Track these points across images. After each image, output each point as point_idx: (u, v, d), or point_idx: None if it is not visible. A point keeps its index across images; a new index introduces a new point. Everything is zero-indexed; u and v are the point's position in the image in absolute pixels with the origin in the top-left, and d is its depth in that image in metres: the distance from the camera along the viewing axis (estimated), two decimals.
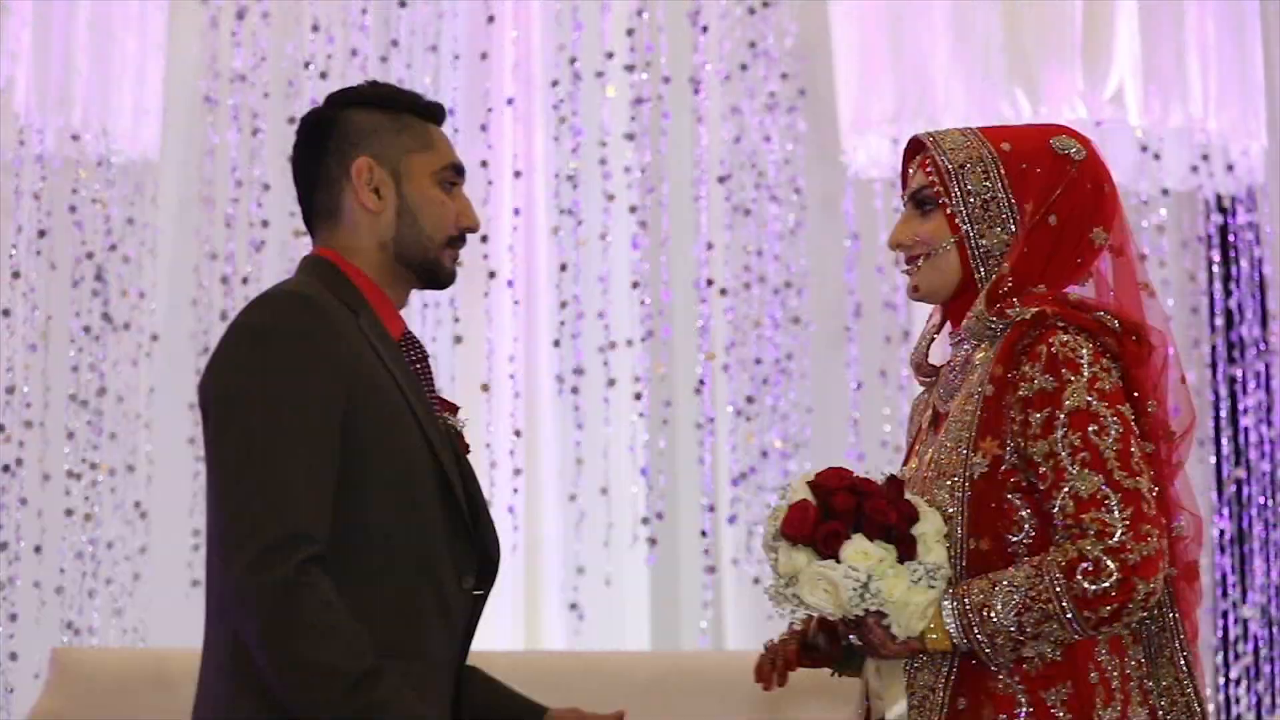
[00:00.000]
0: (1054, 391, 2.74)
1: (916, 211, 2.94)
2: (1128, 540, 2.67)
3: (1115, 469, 2.71)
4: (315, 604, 2.62)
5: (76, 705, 5.36)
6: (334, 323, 2.78)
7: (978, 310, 2.85)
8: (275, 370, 2.72)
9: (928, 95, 6.38)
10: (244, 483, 2.67)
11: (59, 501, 6.06)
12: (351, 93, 3.00)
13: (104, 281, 6.13)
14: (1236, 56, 6.46)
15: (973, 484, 2.78)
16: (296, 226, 6.24)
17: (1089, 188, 2.91)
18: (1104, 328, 2.80)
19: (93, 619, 6.06)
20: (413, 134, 2.94)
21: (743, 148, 6.43)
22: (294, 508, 2.65)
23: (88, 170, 6.12)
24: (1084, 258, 2.90)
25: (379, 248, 2.91)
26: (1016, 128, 3.02)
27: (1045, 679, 2.76)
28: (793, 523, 2.75)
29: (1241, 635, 6.51)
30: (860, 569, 2.71)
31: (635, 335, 6.29)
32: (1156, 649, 2.85)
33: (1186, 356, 6.67)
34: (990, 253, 2.89)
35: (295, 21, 6.32)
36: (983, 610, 2.71)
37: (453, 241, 2.94)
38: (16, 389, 5.97)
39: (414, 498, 2.79)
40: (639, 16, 6.35)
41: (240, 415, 2.71)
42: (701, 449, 6.29)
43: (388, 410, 2.78)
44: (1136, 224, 6.61)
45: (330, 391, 2.72)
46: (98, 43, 6.05)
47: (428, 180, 2.93)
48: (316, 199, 2.95)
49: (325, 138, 2.93)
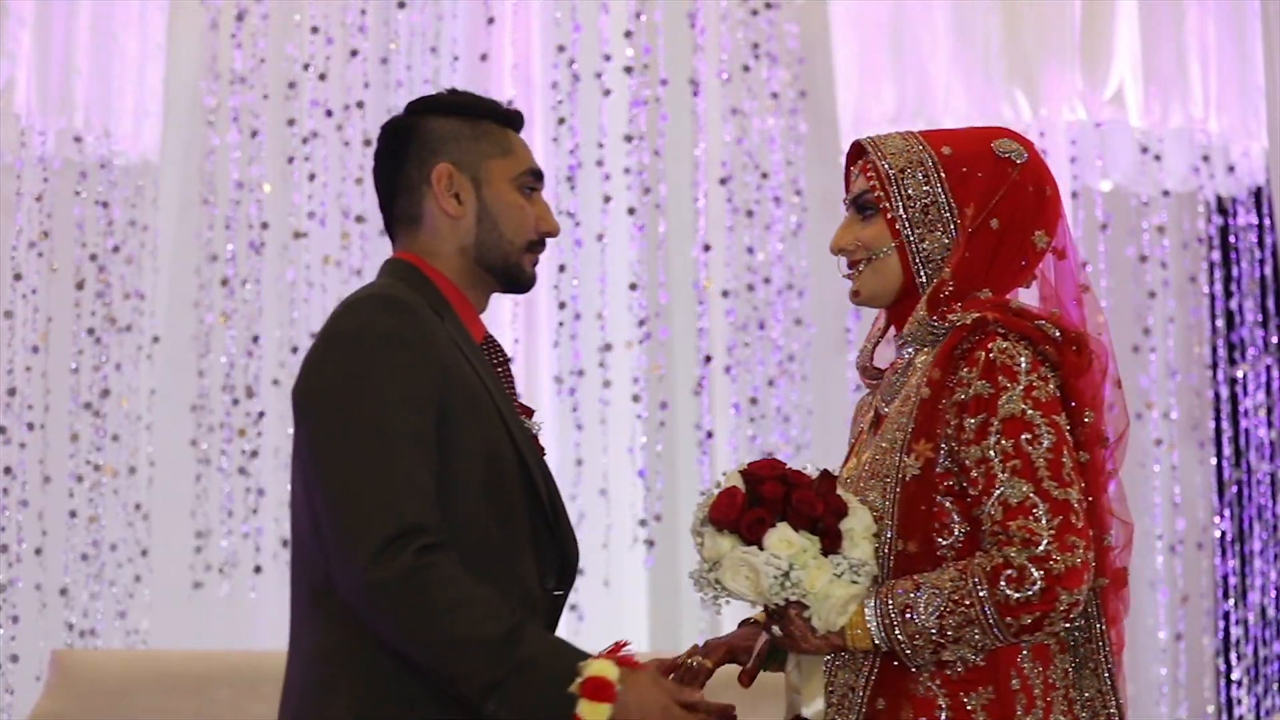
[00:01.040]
0: (989, 397, 2.74)
1: (858, 216, 2.95)
2: (1053, 550, 2.67)
3: (1046, 478, 2.71)
4: (442, 582, 2.69)
5: (76, 707, 5.37)
6: (425, 325, 2.82)
7: (919, 315, 2.86)
8: (374, 372, 2.76)
9: (928, 96, 6.39)
10: (353, 484, 2.72)
11: (60, 503, 6.06)
12: (431, 100, 3.04)
13: (108, 284, 6.14)
14: (1237, 57, 6.46)
15: (904, 486, 2.79)
16: (297, 228, 6.26)
17: (1031, 191, 2.90)
18: (1045, 336, 2.79)
19: (94, 621, 6.06)
20: (492, 140, 2.97)
21: (744, 149, 6.43)
22: (405, 503, 2.70)
23: (89, 172, 6.13)
24: (1027, 261, 2.90)
25: (460, 252, 2.95)
26: (959, 131, 3.01)
27: (966, 683, 2.76)
28: (720, 508, 2.77)
29: (1243, 636, 6.51)
30: (782, 557, 2.72)
31: (634, 337, 6.30)
32: (1082, 659, 2.85)
33: (1187, 358, 6.67)
34: (931, 257, 2.89)
35: (295, 24, 6.33)
36: (905, 611, 2.72)
37: (532, 246, 2.98)
38: (18, 391, 5.98)
39: (502, 499, 2.84)
40: (638, 19, 6.36)
41: (343, 417, 2.75)
42: (700, 450, 6.29)
43: (477, 412, 2.83)
44: (1137, 225, 6.61)
45: (426, 393, 2.77)
46: (98, 44, 6.06)
47: (507, 185, 2.96)
48: (398, 205, 2.98)
49: (405, 145, 2.96)
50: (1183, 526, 6.63)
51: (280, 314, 6.28)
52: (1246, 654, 6.50)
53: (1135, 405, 6.64)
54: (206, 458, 6.23)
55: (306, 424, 2.81)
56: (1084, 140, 6.54)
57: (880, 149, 2.93)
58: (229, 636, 6.27)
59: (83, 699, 5.40)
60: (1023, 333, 2.78)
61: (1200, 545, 6.66)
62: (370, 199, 6.25)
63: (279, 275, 6.30)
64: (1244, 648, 6.50)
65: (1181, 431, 6.66)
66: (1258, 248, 6.61)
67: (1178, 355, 6.64)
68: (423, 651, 2.72)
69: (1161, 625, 6.60)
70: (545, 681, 2.69)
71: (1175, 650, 6.60)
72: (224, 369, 6.24)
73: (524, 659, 2.69)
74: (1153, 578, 6.61)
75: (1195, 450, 6.71)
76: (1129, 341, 6.64)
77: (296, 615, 2.86)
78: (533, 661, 2.69)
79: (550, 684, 2.69)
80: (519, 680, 2.68)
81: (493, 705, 2.70)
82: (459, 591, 2.70)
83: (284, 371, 6.23)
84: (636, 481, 6.26)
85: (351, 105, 6.27)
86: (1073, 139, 6.52)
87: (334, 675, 2.77)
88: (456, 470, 2.79)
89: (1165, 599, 6.60)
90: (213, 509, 6.23)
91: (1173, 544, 6.62)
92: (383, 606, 2.70)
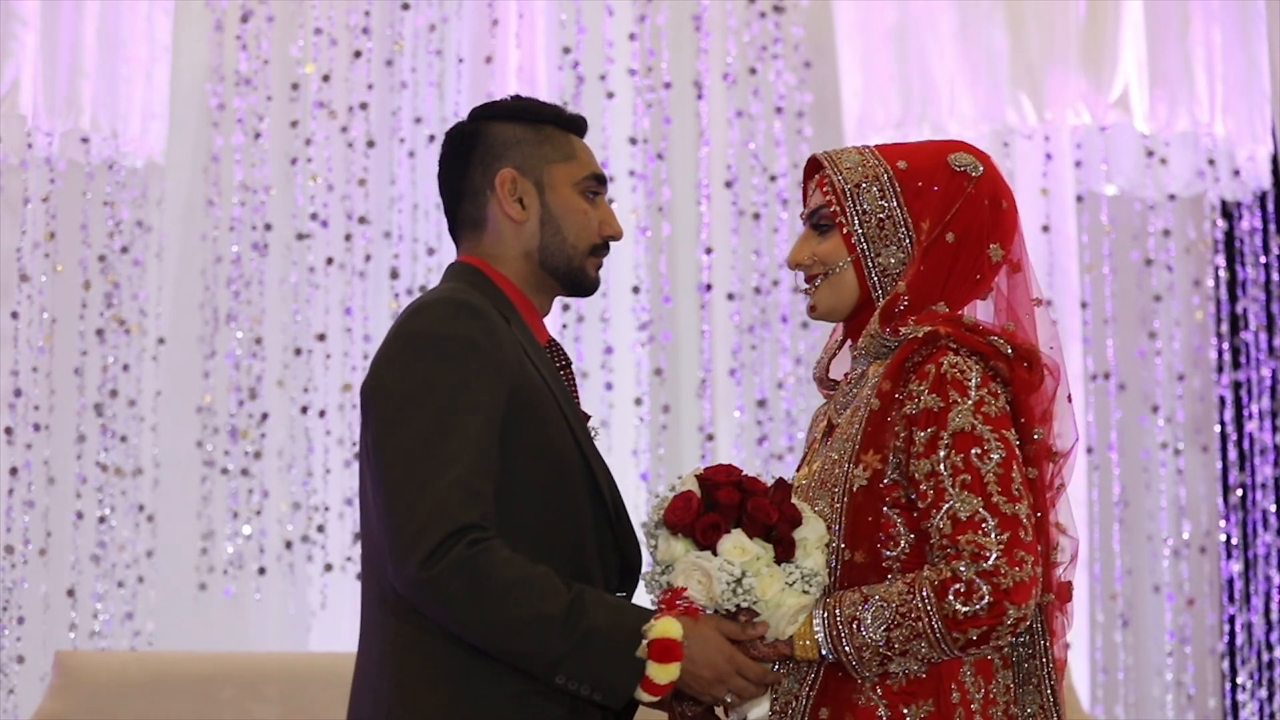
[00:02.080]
0: (939, 411, 2.74)
1: (814, 231, 2.95)
2: (1002, 564, 2.68)
3: (995, 493, 2.71)
4: (498, 565, 2.72)
5: (80, 708, 5.37)
6: (494, 328, 2.85)
7: (871, 328, 2.86)
8: (442, 373, 2.79)
9: (933, 100, 6.39)
10: (408, 486, 2.75)
11: (66, 504, 6.07)
12: (494, 106, 3.07)
13: (116, 285, 6.14)
14: (1243, 61, 6.46)
15: (852, 496, 2.80)
16: (300, 229, 6.26)
17: (987, 204, 2.90)
18: (996, 352, 2.79)
19: (99, 623, 6.07)
20: (555, 145, 3.02)
21: (749, 152, 6.44)
22: (458, 507, 2.73)
23: (96, 173, 6.14)
24: (983, 274, 2.90)
25: (524, 256, 2.99)
26: (916, 145, 3.00)
27: (907, 694, 2.77)
28: (675, 511, 2.79)
29: (1247, 641, 6.50)
30: (735, 563, 2.74)
31: (637, 339, 6.30)
32: (1025, 675, 2.85)
33: (1191, 362, 6.67)
34: (888, 271, 2.89)
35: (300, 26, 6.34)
36: (852, 623, 2.74)
37: (596, 250, 3.02)
38: (24, 392, 5.98)
39: (567, 501, 2.87)
40: (641, 21, 6.36)
41: (408, 416, 2.78)
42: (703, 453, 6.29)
43: (542, 415, 2.86)
44: (1142, 229, 6.61)
45: (493, 395, 2.80)
46: (105, 46, 6.07)
47: (570, 190, 3.01)
48: (462, 210, 3.02)
49: (469, 150, 3.01)
50: (1188, 530, 6.62)
51: (283, 315, 6.28)
52: (1251, 658, 6.49)
53: (1140, 409, 6.64)
54: (211, 459, 6.24)
55: (372, 423, 2.84)
56: (1089, 144, 6.53)
57: (836, 164, 2.93)
58: (232, 638, 6.28)
59: (86, 700, 5.40)
60: (974, 348, 2.79)
61: (1204, 549, 6.65)
62: (373, 200, 6.26)
63: (282, 278, 6.30)
64: (1248, 652, 6.49)
65: (1186, 435, 6.65)
66: (1263, 252, 6.61)
67: (1183, 359, 6.64)
68: (486, 635, 2.74)
69: (1166, 629, 6.59)
70: (612, 649, 2.73)
71: (1180, 654, 6.59)
72: (229, 370, 6.24)
73: (588, 630, 2.72)
74: (1158, 582, 6.61)
75: (1200, 454, 6.70)
76: (1133, 346, 6.64)
77: (367, 614, 2.89)
78: (597, 632, 2.73)
79: (617, 651, 2.73)
80: (585, 652, 2.72)
81: (562, 679, 2.74)
82: (515, 572, 2.73)
83: (288, 373, 6.24)
84: (639, 484, 6.26)
85: (355, 107, 6.28)
86: (1078, 143, 6.52)
87: (409, 674, 2.80)
88: (520, 474, 2.82)
89: (1170, 603, 6.59)
90: (217, 510, 6.23)
91: (1177, 548, 6.62)
92: (440, 598, 2.73)
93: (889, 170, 2.90)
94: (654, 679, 2.73)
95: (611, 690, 2.74)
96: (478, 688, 2.79)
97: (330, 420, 6.23)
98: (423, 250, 6.26)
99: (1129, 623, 6.57)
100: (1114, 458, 6.54)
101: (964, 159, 2.92)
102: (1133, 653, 6.60)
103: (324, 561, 6.16)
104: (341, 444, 6.24)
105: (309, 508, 6.20)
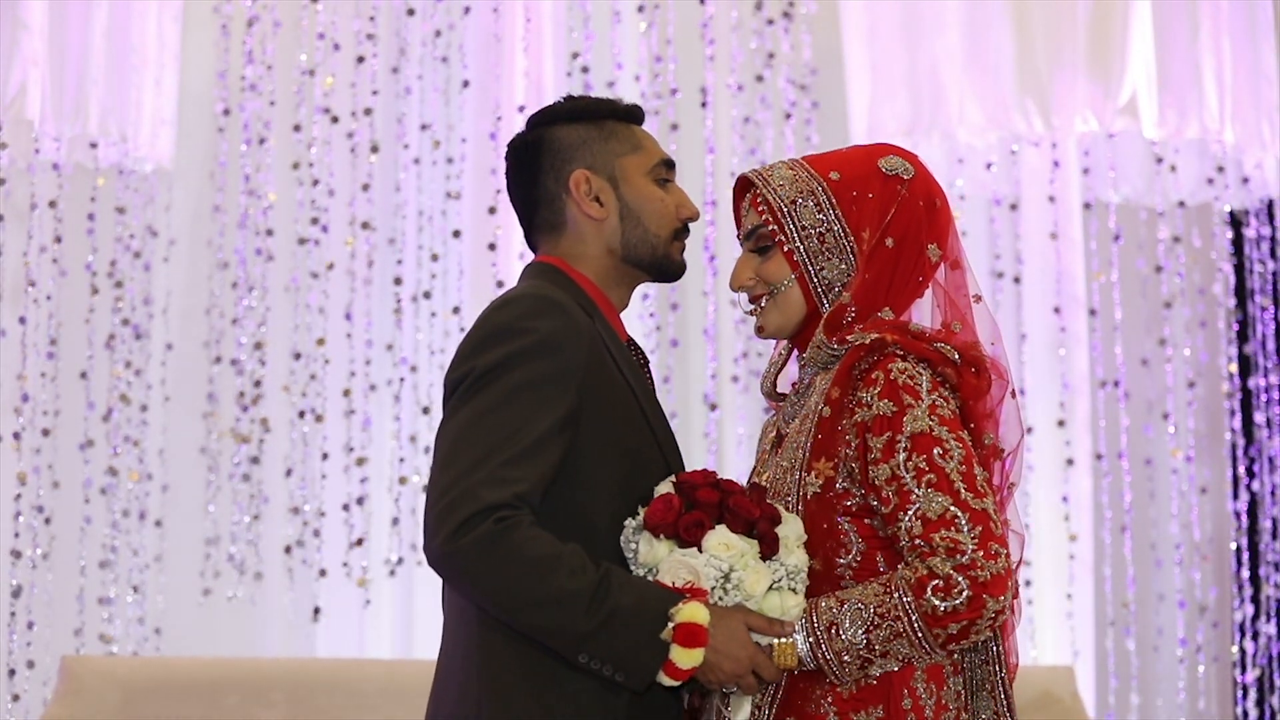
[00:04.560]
0: (893, 416, 2.74)
1: (754, 252, 2.96)
2: (978, 558, 2.69)
3: (963, 489, 2.72)
4: (524, 541, 2.73)
5: (86, 713, 5.38)
6: (577, 325, 2.87)
7: (818, 339, 2.87)
8: (508, 367, 2.81)
9: (941, 107, 6.38)
10: (454, 463, 2.76)
11: (74, 509, 6.08)
12: (552, 111, 3.10)
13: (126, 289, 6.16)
14: (1251, 68, 6.45)
15: (806, 504, 2.81)
16: (302, 234, 6.26)
17: (920, 205, 2.91)
18: (943, 359, 2.80)
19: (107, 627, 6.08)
20: (619, 138, 3.05)
21: (757, 159, 6.43)
22: (493, 485, 2.74)
23: (105, 178, 6.15)
24: (923, 275, 2.91)
25: (607, 253, 3.03)
26: (843, 153, 3.00)
27: (858, 701, 2.77)
28: (656, 513, 2.79)
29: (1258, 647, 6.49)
30: (723, 559, 2.74)
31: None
32: (978, 681, 2.85)
33: (1199, 369, 6.65)
34: (832, 284, 2.90)
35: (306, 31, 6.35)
36: (831, 628, 2.74)
37: (678, 234, 3.06)
38: (32, 397, 5.99)
39: (647, 498, 2.86)
40: (650, 29, 6.36)
41: (466, 402, 2.81)
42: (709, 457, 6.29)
43: (619, 411, 2.89)
44: (1150, 237, 6.60)
45: (561, 395, 2.81)
46: (113, 51, 6.08)
47: (644, 179, 3.04)
48: (539, 218, 3.05)
49: (536, 159, 3.04)
50: (1198, 537, 6.61)
51: (286, 320, 6.29)
52: (1261, 664, 6.48)
53: (1150, 416, 6.63)
54: (216, 464, 6.25)
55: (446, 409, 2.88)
56: (1097, 151, 6.53)
57: (769, 181, 2.94)
58: (238, 643, 6.28)
59: (92, 705, 5.42)
60: (921, 355, 2.79)
61: (1210, 557, 6.64)
62: (376, 204, 6.26)
63: (285, 283, 6.31)
64: (1259, 658, 6.48)
65: (1196, 442, 6.64)
66: (1271, 259, 6.60)
67: (1192, 366, 6.63)
68: (511, 610, 2.75)
69: (1178, 637, 6.58)
70: (636, 631, 2.73)
71: (1192, 660, 6.58)
72: (234, 375, 6.25)
73: (613, 610, 2.73)
74: (1168, 588, 6.60)
75: (1209, 461, 6.69)
76: (1141, 353, 6.63)
77: (450, 610, 2.91)
78: (623, 612, 2.73)
79: (642, 633, 2.73)
80: (609, 631, 2.72)
81: (585, 657, 2.74)
82: (541, 549, 2.73)
83: (292, 379, 6.24)
84: None
85: (359, 112, 6.28)
86: (1085, 149, 6.52)
87: (495, 668, 2.81)
88: (597, 471, 2.84)
89: (1182, 609, 6.58)
90: (223, 515, 6.24)
91: (1189, 554, 6.61)
92: (463, 571, 2.74)
93: (822, 183, 2.91)
94: (677, 663, 2.73)
95: (634, 671, 2.74)
96: (563, 680, 2.79)
97: (329, 424, 6.22)
98: (426, 256, 6.26)
99: (1138, 631, 6.57)
100: (1124, 465, 6.53)
101: (894, 162, 2.94)
102: (1142, 658, 6.59)
103: (319, 567, 6.13)
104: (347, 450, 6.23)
105: (311, 512, 6.19)
